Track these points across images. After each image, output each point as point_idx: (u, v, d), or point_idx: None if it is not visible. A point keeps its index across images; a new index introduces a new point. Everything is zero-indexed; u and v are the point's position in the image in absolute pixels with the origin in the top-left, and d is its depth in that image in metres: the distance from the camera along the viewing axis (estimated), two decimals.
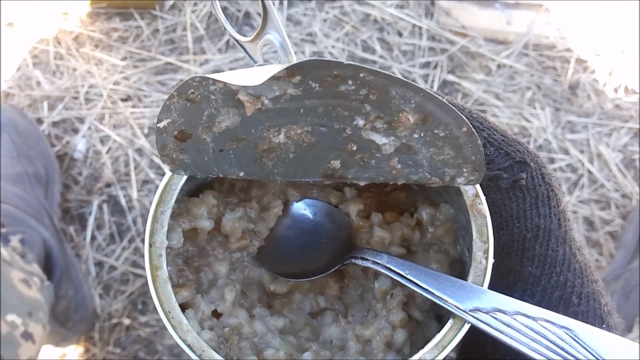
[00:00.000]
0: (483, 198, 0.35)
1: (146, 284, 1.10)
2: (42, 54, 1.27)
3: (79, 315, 1.01)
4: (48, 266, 0.96)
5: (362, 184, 0.36)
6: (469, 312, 0.32)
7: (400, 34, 1.32)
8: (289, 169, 0.35)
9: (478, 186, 0.35)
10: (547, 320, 0.30)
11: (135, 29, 1.30)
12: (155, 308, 1.08)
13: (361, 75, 0.29)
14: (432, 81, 1.28)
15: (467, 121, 0.31)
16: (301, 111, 0.32)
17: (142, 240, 1.13)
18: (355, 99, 0.31)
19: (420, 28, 1.33)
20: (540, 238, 0.36)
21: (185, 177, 0.36)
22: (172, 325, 0.32)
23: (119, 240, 1.13)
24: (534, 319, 0.30)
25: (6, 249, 0.84)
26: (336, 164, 0.35)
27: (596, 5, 1.38)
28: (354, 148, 0.34)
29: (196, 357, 0.32)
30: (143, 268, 1.10)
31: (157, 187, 1.16)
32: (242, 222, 0.39)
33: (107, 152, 1.19)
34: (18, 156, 1.04)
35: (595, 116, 1.28)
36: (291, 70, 0.29)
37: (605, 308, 0.36)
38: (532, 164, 0.37)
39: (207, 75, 0.31)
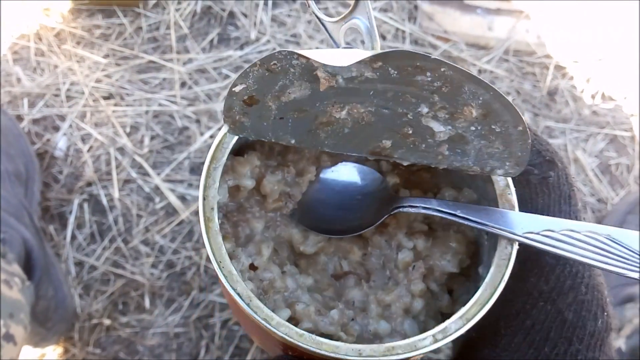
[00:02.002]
0: (513, 189, 0.38)
1: (127, 284, 1.09)
2: (22, 50, 1.25)
3: (58, 316, 1.00)
4: (28, 266, 0.94)
5: (405, 163, 0.38)
6: (523, 236, 0.35)
7: (383, 37, 1.34)
8: (339, 142, 0.37)
9: (510, 178, 0.38)
10: (590, 231, 0.34)
11: (118, 27, 1.29)
12: (135, 308, 1.07)
13: (442, 69, 0.32)
14: None
15: (525, 121, 0.34)
16: (371, 92, 0.34)
17: (123, 240, 1.12)
18: (428, 89, 0.33)
19: (403, 32, 1.34)
20: None
21: (236, 138, 0.38)
22: (224, 275, 0.34)
23: (100, 240, 1.12)
24: (579, 232, 0.34)
25: None
26: (387, 143, 0.37)
27: (575, 13, 1.41)
28: (409, 132, 0.36)
29: (245, 305, 0.33)
30: (124, 268, 1.09)
31: (138, 186, 1.15)
32: (280, 184, 0.41)
33: (88, 150, 1.17)
34: None
35: (572, 122, 1.31)
36: (376, 58, 0.32)
37: (607, 299, 0.39)
38: (559, 164, 0.40)
39: (293, 50, 0.33)
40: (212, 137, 1.20)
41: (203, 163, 1.28)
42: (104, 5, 1.29)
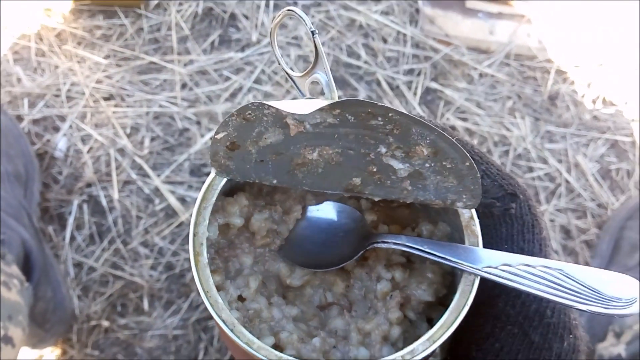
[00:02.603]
0: (477, 221, 0.41)
1: (126, 286, 1.09)
2: (23, 50, 1.25)
3: (57, 317, 1.00)
4: (27, 267, 0.94)
5: (376, 199, 0.42)
6: (483, 270, 0.38)
7: (385, 41, 1.34)
8: (316, 180, 0.42)
9: (474, 211, 0.41)
10: (544, 266, 0.37)
11: (119, 27, 1.29)
12: (134, 310, 1.07)
13: (390, 114, 0.36)
14: (416, 88, 1.29)
15: (471, 158, 0.38)
16: (335, 136, 0.38)
17: (122, 242, 1.12)
18: (382, 131, 0.37)
19: (404, 35, 1.34)
20: None
21: (225, 180, 0.42)
22: (210, 303, 0.38)
23: (99, 241, 1.12)
24: (533, 266, 0.37)
25: None
26: (357, 181, 0.41)
27: (577, 18, 1.41)
28: (374, 170, 0.40)
29: (229, 331, 0.37)
30: (123, 270, 1.09)
31: (138, 187, 1.15)
32: (268, 222, 0.45)
33: (88, 151, 1.17)
34: None
35: (573, 127, 1.31)
36: (334, 106, 0.36)
37: (574, 322, 0.41)
38: (521, 196, 0.43)
39: (264, 102, 0.37)
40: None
41: (203, 165, 1.28)
42: (105, 6, 1.29)
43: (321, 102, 0.36)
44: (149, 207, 1.14)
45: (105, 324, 1.07)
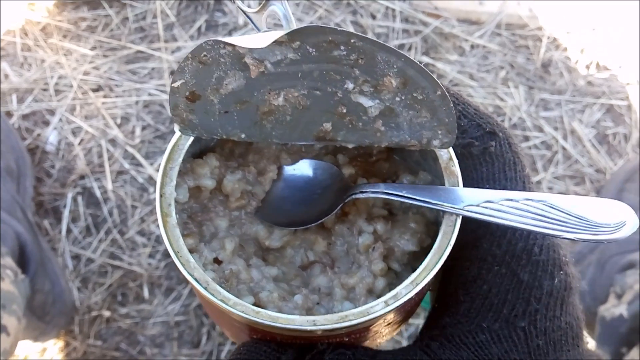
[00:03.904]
0: (456, 161, 0.40)
1: (125, 275, 1.09)
2: (8, 46, 1.24)
3: (57, 309, 1.00)
4: (22, 260, 0.94)
5: (350, 146, 0.40)
6: (464, 209, 0.37)
7: (373, 17, 1.32)
8: (286, 131, 0.39)
9: (452, 151, 0.40)
10: (527, 199, 0.36)
11: (104, 18, 1.28)
12: (135, 299, 1.07)
13: (352, 40, 0.34)
14: None
15: (442, 85, 0.35)
16: (299, 75, 0.36)
17: (119, 232, 1.11)
18: (347, 63, 0.35)
19: (393, 10, 1.33)
20: None
21: (191, 139, 0.40)
22: (181, 263, 0.36)
23: (95, 232, 1.11)
24: (516, 200, 0.36)
25: None
26: (328, 126, 0.39)
27: None
28: (344, 111, 0.38)
29: (202, 289, 0.35)
30: (121, 259, 1.09)
31: (132, 177, 1.14)
32: (241, 183, 0.43)
33: (79, 143, 1.17)
34: None
35: (568, 93, 1.29)
36: (291, 36, 0.33)
37: (564, 258, 0.40)
38: (500, 134, 0.42)
39: (218, 39, 0.35)
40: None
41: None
42: None
43: (277, 33, 0.34)
44: (143, 196, 1.14)
45: (107, 314, 1.07)
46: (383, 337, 0.43)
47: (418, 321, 1.05)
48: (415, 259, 0.42)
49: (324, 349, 0.37)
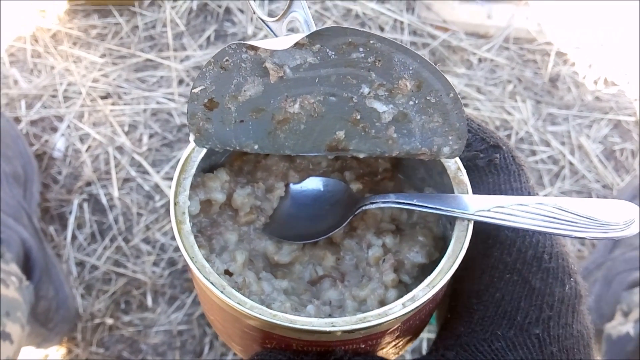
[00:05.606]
0: (464, 170, 0.40)
1: (128, 283, 1.09)
2: (19, 52, 1.25)
3: (60, 316, 1.00)
4: (27, 266, 0.94)
5: (361, 156, 0.40)
6: (476, 214, 0.37)
7: (382, 29, 1.32)
8: (299, 141, 0.40)
9: (459, 161, 0.40)
10: (538, 203, 0.37)
11: (114, 26, 1.28)
12: (138, 307, 1.07)
13: (371, 42, 0.34)
14: None
15: (454, 88, 0.36)
16: (316, 80, 0.36)
17: (124, 239, 1.11)
18: (364, 66, 0.35)
19: (401, 23, 1.33)
20: None
21: (203, 152, 0.40)
22: (197, 268, 0.36)
23: (100, 240, 1.12)
24: (527, 204, 0.37)
25: None
26: (341, 134, 0.39)
27: None
28: (358, 117, 0.38)
29: (219, 292, 0.35)
30: (125, 267, 1.09)
31: (138, 185, 1.15)
32: (251, 198, 0.44)
33: (86, 150, 1.17)
34: None
35: (575, 108, 1.29)
36: (312, 38, 0.34)
37: (573, 267, 0.40)
38: (504, 147, 0.43)
39: (241, 42, 0.35)
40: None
41: None
42: (100, 5, 1.29)
43: (299, 35, 0.34)
44: (149, 204, 1.14)
45: (110, 321, 1.07)
46: (396, 351, 0.43)
47: (421, 335, 1.05)
48: (424, 273, 0.42)
49: (342, 356, 0.37)
